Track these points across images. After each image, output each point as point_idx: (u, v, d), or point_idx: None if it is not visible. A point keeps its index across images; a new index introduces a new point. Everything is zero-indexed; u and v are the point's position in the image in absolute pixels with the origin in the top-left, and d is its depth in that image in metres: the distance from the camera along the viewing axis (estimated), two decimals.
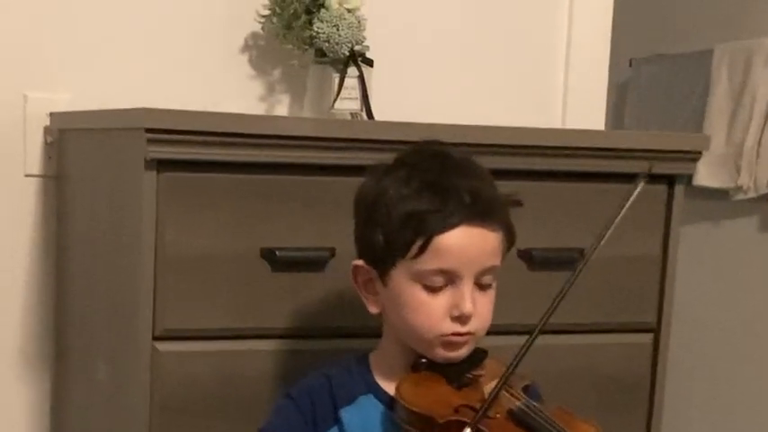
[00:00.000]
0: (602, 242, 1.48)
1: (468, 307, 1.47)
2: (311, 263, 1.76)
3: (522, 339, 1.54)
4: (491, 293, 1.52)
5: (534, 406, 1.49)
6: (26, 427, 2.17)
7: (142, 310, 1.68)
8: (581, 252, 1.89)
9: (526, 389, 1.54)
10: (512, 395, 1.49)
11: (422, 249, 1.46)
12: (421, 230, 1.46)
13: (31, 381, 2.16)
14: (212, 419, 1.72)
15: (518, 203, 1.56)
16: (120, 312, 1.79)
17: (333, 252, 1.76)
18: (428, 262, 1.46)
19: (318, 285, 1.77)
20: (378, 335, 1.66)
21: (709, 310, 3.54)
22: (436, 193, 1.47)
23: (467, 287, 1.47)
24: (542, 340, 1.81)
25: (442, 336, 1.49)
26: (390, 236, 1.48)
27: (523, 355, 1.47)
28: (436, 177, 1.49)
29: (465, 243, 1.47)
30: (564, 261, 1.88)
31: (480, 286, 1.50)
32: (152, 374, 1.69)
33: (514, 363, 1.47)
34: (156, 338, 1.69)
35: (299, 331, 1.77)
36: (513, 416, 1.47)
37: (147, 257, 1.67)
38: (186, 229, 1.69)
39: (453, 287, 1.48)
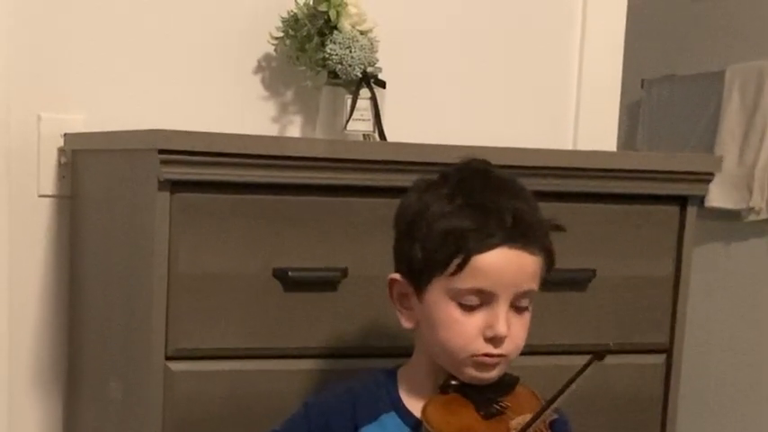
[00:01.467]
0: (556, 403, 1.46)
1: (502, 329, 1.45)
2: (324, 283, 1.76)
3: (533, 360, 1.54)
4: (526, 317, 1.51)
5: None
6: None
7: (155, 329, 1.69)
8: (593, 272, 1.90)
9: (553, 423, 1.52)
10: (536, 430, 1.47)
11: (460, 268, 1.45)
12: (460, 248, 1.45)
13: (45, 399, 2.17)
14: None
15: (560, 228, 1.54)
16: (133, 332, 1.79)
17: (345, 272, 1.77)
18: (465, 281, 1.45)
19: (331, 305, 1.77)
20: (391, 354, 1.66)
21: (721, 330, 3.53)
22: (478, 211, 1.46)
23: (502, 309, 1.46)
24: (556, 360, 1.83)
25: (473, 356, 1.47)
26: (429, 252, 1.47)
27: (554, 400, 1.45)
28: (479, 196, 1.48)
29: (503, 264, 1.46)
30: (576, 282, 1.88)
31: (516, 309, 1.48)
32: (165, 394, 1.69)
33: (543, 407, 1.46)
34: (168, 358, 1.70)
35: (311, 351, 1.78)
36: None
37: (159, 277, 1.68)
38: (199, 250, 1.70)
39: (489, 308, 1.46)
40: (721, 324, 3.53)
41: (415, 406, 1.52)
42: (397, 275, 1.54)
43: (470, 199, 1.47)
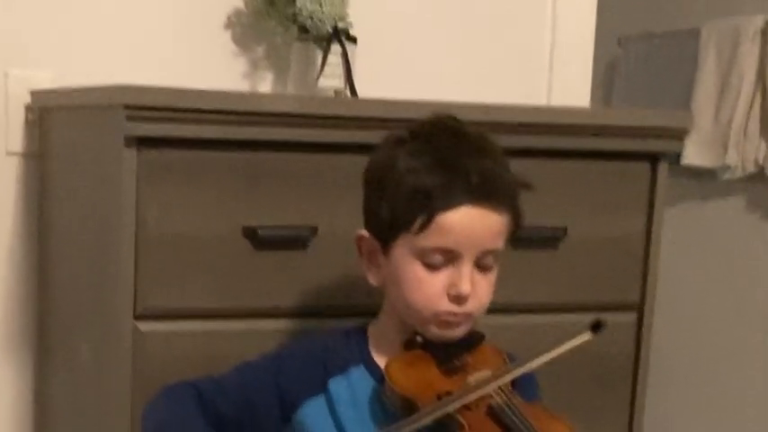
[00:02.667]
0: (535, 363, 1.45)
1: (465, 287, 1.46)
2: (293, 241, 1.75)
3: (504, 318, 1.54)
4: (491, 276, 1.51)
5: (514, 405, 1.47)
6: (10, 409, 2.16)
7: (123, 289, 1.67)
8: (564, 230, 1.89)
9: (515, 382, 1.52)
10: (498, 388, 1.47)
11: (424, 226, 1.45)
12: (424, 207, 1.45)
13: (15, 362, 2.15)
14: None
15: (528, 186, 1.54)
16: (102, 292, 1.77)
17: (315, 230, 1.75)
18: (429, 239, 1.46)
19: (301, 264, 1.76)
20: (362, 313, 1.66)
21: (695, 289, 3.54)
22: (444, 169, 1.45)
23: (466, 267, 1.46)
24: (526, 319, 1.83)
25: (437, 314, 1.48)
26: (395, 209, 1.47)
27: (517, 369, 1.46)
28: (447, 154, 1.47)
29: (468, 223, 1.45)
30: (547, 239, 1.88)
31: (481, 268, 1.49)
32: (134, 354, 1.68)
33: (501, 375, 1.46)
34: (137, 318, 1.69)
35: (280, 311, 1.77)
36: (491, 411, 1.46)
37: (127, 236, 1.66)
38: (167, 208, 1.68)
39: (453, 266, 1.47)
40: (695, 283, 3.54)
41: (382, 361, 1.53)
42: (364, 232, 1.54)
43: (437, 156, 1.47)
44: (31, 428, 2.16)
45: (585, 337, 1.43)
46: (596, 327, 1.42)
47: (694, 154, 3.39)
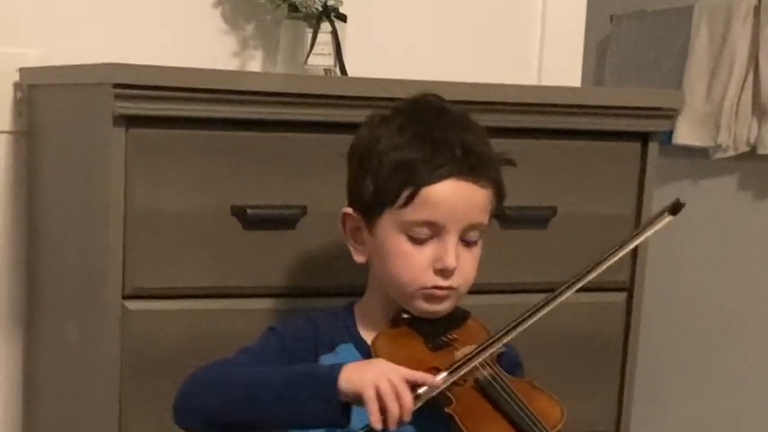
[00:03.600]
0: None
1: (451, 261, 1.47)
2: (282, 221, 1.75)
3: (493, 299, 1.54)
4: (476, 251, 1.52)
5: (501, 378, 1.48)
6: None
7: (111, 268, 1.67)
8: (554, 210, 1.89)
9: (500, 356, 1.53)
10: (484, 362, 1.48)
11: (409, 199, 1.46)
12: (409, 180, 1.46)
13: (3, 340, 2.15)
14: (183, 378, 1.71)
15: (511, 163, 1.55)
16: (90, 271, 1.77)
17: (304, 210, 1.75)
18: (414, 213, 1.46)
19: (290, 243, 1.76)
20: (350, 293, 1.66)
21: (686, 270, 3.54)
22: (428, 144, 1.47)
23: (451, 241, 1.47)
24: (516, 299, 1.82)
25: (423, 288, 1.49)
26: (379, 184, 1.48)
27: (503, 335, 1.45)
28: (430, 129, 1.48)
29: (452, 196, 1.46)
30: (537, 219, 1.88)
31: (466, 243, 1.50)
32: (122, 333, 1.68)
33: (489, 340, 1.46)
34: (125, 297, 1.68)
35: (269, 290, 1.76)
36: (478, 385, 1.47)
37: (115, 215, 1.66)
38: (156, 186, 1.68)
39: (438, 240, 1.47)
40: (687, 262, 3.54)
41: (370, 338, 1.53)
42: (349, 209, 1.55)
43: (421, 131, 1.48)
44: (19, 406, 2.16)
45: (667, 219, 1.43)
46: (676, 208, 1.42)
47: (686, 133, 3.39)
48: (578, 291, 1.61)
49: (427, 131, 1.48)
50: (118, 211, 1.66)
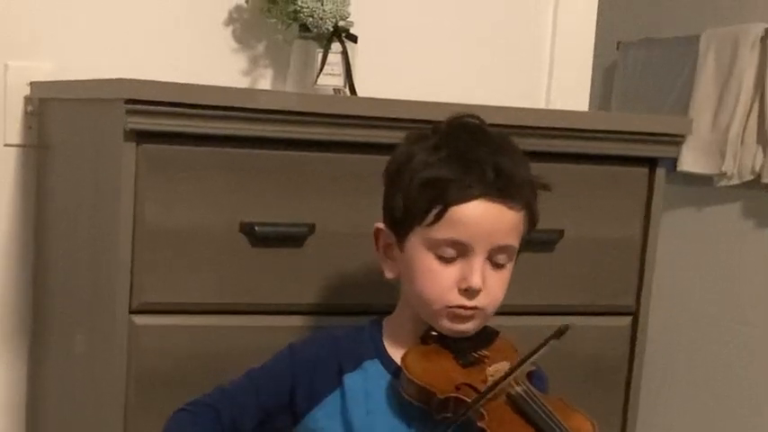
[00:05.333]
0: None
1: (476, 281, 1.46)
2: (290, 238, 1.75)
3: (500, 320, 1.54)
4: (504, 273, 1.51)
5: (533, 393, 1.48)
6: (3, 399, 2.16)
7: (120, 282, 1.67)
8: (561, 233, 1.89)
9: (530, 374, 1.54)
10: (514, 379, 1.48)
11: (437, 218, 1.46)
12: (438, 199, 1.46)
13: (9, 353, 2.15)
14: (189, 393, 1.70)
15: (547, 188, 1.55)
16: (98, 285, 1.77)
17: (312, 228, 1.75)
18: (442, 231, 1.47)
19: (297, 261, 1.76)
20: (356, 312, 1.66)
21: (690, 295, 3.55)
22: (459, 163, 1.47)
23: (477, 261, 1.47)
24: (523, 321, 1.82)
25: (448, 307, 1.49)
26: (409, 201, 1.49)
27: (534, 354, 1.46)
28: (464, 149, 1.49)
29: (481, 217, 1.46)
30: (543, 242, 1.88)
31: (494, 265, 1.49)
32: (129, 348, 1.68)
33: (523, 359, 1.47)
34: (133, 312, 1.68)
35: (276, 307, 1.77)
36: (511, 400, 1.47)
37: (125, 230, 1.66)
38: (165, 202, 1.68)
39: (465, 260, 1.47)
40: (690, 289, 3.55)
41: (397, 355, 1.53)
42: (381, 225, 1.55)
43: (454, 151, 1.48)
44: (24, 419, 2.16)
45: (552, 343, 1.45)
46: (561, 332, 1.45)
47: (691, 161, 3.40)
48: (584, 314, 1.62)
49: (461, 151, 1.48)
50: (127, 225, 1.66)
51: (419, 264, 1.49)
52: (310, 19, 2.03)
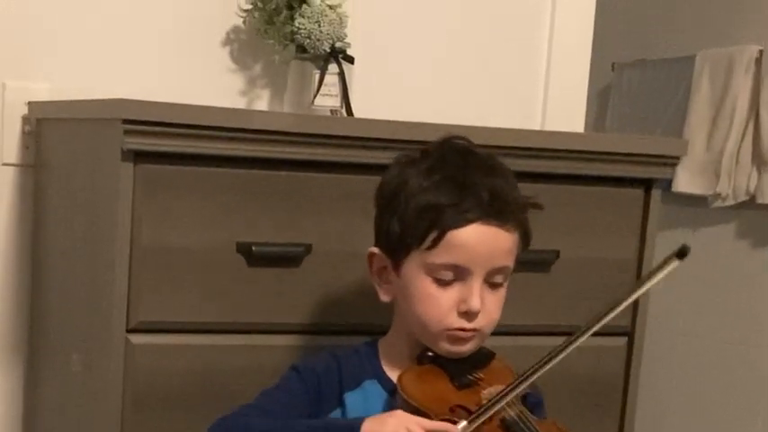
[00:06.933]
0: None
1: (475, 303, 1.47)
2: (287, 258, 1.76)
3: (496, 341, 1.54)
4: (501, 293, 1.53)
5: (526, 417, 1.48)
6: None
7: (116, 302, 1.67)
8: (557, 254, 1.90)
9: (525, 397, 1.54)
10: (509, 402, 1.48)
11: (435, 242, 1.47)
12: (436, 224, 1.47)
13: (5, 371, 2.15)
14: (185, 413, 1.71)
15: (538, 206, 1.56)
16: (95, 304, 1.77)
17: (309, 248, 1.76)
18: (440, 255, 1.47)
19: (294, 281, 1.77)
20: (353, 332, 1.67)
21: (685, 315, 3.55)
22: (455, 187, 1.48)
23: (476, 284, 1.48)
24: (519, 341, 1.83)
25: (447, 330, 1.50)
26: (406, 226, 1.49)
27: (529, 376, 1.46)
28: (457, 172, 1.49)
29: (478, 240, 1.47)
30: (539, 262, 1.88)
31: (491, 285, 1.51)
32: (125, 367, 1.68)
33: (516, 382, 1.46)
34: (129, 331, 1.69)
35: (273, 327, 1.77)
36: (504, 424, 1.47)
37: (122, 249, 1.66)
38: (162, 222, 1.69)
39: (463, 283, 1.48)
40: (685, 309, 3.55)
41: (395, 375, 1.53)
42: (375, 249, 1.56)
43: (448, 175, 1.49)
44: None
45: (674, 263, 1.42)
46: (682, 253, 1.41)
47: (686, 181, 3.41)
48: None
49: (455, 175, 1.49)
50: (124, 245, 1.67)
51: (417, 288, 1.50)
52: (307, 40, 2.04)
